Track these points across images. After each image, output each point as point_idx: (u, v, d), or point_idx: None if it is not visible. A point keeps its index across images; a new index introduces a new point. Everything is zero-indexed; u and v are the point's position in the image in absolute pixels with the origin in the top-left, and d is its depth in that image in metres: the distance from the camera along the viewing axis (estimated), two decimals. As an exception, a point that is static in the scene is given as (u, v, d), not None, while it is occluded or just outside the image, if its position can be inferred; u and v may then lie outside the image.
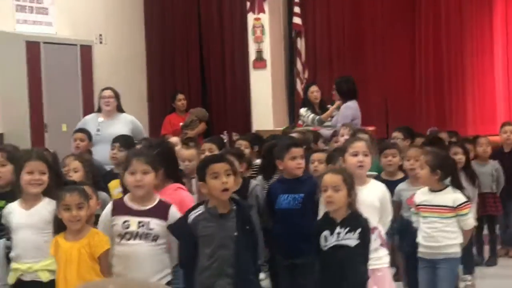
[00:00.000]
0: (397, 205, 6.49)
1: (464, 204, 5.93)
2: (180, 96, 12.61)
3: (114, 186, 6.43)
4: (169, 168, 5.57)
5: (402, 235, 6.56)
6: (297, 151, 6.11)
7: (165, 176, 5.51)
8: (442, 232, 5.90)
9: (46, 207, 5.12)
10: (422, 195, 6.06)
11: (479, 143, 8.51)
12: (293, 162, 6.08)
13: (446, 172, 6.00)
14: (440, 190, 5.97)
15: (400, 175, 6.91)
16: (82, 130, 8.28)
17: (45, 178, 5.16)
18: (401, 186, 6.61)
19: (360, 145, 5.61)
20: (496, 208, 8.48)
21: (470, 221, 6.02)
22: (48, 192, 5.19)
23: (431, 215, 5.94)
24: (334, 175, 5.07)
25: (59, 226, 4.92)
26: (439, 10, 13.21)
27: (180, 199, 5.33)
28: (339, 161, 5.86)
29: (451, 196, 5.94)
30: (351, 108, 10.14)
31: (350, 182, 5.05)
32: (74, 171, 6.40)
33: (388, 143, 7.49)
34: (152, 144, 5.91)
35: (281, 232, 6.09)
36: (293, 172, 6.11)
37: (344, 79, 10.80)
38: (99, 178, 6.70)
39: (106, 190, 6.51)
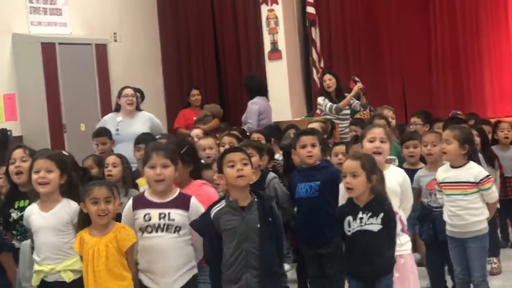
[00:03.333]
0: (417, 192, 6.46)
1: (486, 179, 5.91)
2: (194, 92, 12.67)
3: (142, 183, 6.49)
4: (194, 166, 5.62)
5: (422, 221, 6.55)
6: (306, 139, 6.14)
7: (190, 175, 5.56)
8: (467, 210, 5.88)
9: (64, 209, 5.12)
10: (443, 172, 6.04)
11: (500, 127, 8.43)
12: (303, 151, 6.12)
13: (471, 147, 6.01)
14: (462, 166, 5.95)
15: (421, 165, 6.87)
16: (100, 133, 8.25)
17: (52, 176, 5.11)
18: (420, 173, 6.57)
19: (377, 131, 5.59)
20: (517, 193, 8.42)
21: (494, 194, 6.00)
22: (66, 193, 5.19)
23: (454, 192, 5.92)
24: (352, 161, 5.08)
25: (83, 222, 4.94)
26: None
27: (207, 195, 5.37)
28: (358, 147, 5.86)
29: (472, 172, 5.92)
30: (257, 104, 10.55)
31: (370, 167, 5.03)
32: (113, 165, 6.59)
33: (410, 134, 7.44)
34: (178, 143, 5.89)
35: (302, 221, 6.14)
36: (305, 161, 6.14)
37: (250, 76, 11.32)
38: (132, 174, 6.79)
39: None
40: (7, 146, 10.64)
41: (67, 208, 5.10)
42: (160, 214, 4.93)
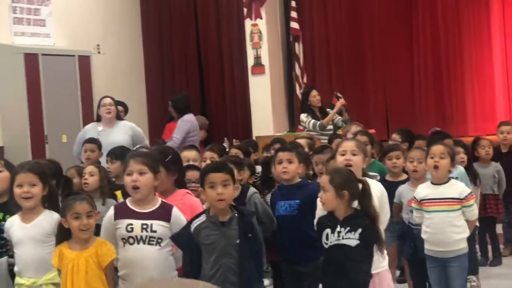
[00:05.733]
0: (398, 208, 6.49)
1: (469, 195, 5.95)
2: None
3: (119, 196, 6.50)
4: (179, 175, 5.61)
5: (403, 239, 6.56)
6: (283, 155, 6.11)
7: (174, 183, 5.55)
8: (451, 227, 5.89)
9: (46, 220, 5.10)
10: (424, 189, 6.04)
11: (481, 144, 8.48)
12: (279, 166, 6.10)
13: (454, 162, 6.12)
14: (445, 183, 5.99)
15: (404, 176, 6.90)
16: (91, 140, 8.29)
17: (35, 190, 5.10)
18: (401, 188, 6.59)
19: (348, 145, 5.60)
20: (497, 210, 8.46)
21: (476, 211, 6.04)
22: (47, 203, 5.19)
23: (438, 209, 5.92)
24: (324, 176, 5.08)
25: (63, 236, 4.90)
26: (436, 13, 13.21)
27: (191, 204, 5.37)
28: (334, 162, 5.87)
29: (456, 188, 5.96)
30: (188, 121, 10.49)
31: (339, 182, 4.93)
32: (90, 174, 6.54)
33: (392, 146, 7.47)
34: (162, 151, 5.89)
35: (282, 239, 6.09)
36: (280, 176, 6.13)
37: (180, 96, 11.28)
38: (111, 184, 6.76)
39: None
40: (-12, 156, 10.61)
41: (49, 219, 5.09)
42: (142, 225, 4.91)
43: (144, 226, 4.90)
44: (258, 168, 7.62)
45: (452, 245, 5.91)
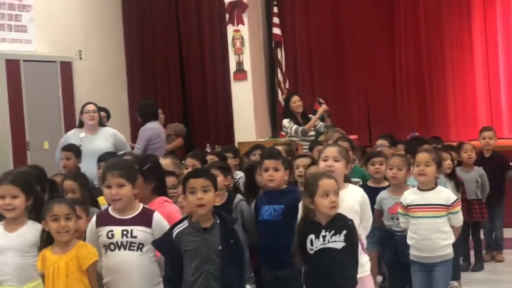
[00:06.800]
0: (379, 214, 6.50)
1: (455, 202, 5.98)
2: None
3: (102, 202, 6.43)
4: (157, 183, 5.58)
5: (384, 244, 6.56)
6: (269, 163, 6.13)
7: (153, 191, 5.51)
8: (437, 233, 5.91)
9: (30, 230, 5.08)
10: (412, 195, 6.06)
11: (464, 149, 8.53)
12: (265, 174, 6.12)
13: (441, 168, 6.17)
14: (432, 189, 5.99)
15: (386, 183, 6.90)
16: (67, 148, 8.24)
17: (17, 202, 5.07)
18: (382, 195, 6.59)
19: (330, 151, 5.60)
20: (482, 215, 8.49)
21: (461, 217, 6.06)
22: (33, 212, 5.15)
23: (424, 215, 5.93)
24: (332, 180, 5.05)
25: (47, 240, 4.89)
26: (417, 19, 13.24)
27: (168, 212, 5.30)
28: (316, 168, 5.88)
29: (442, 195, 5.98)
30: (149, 130, 10.40)
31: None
32: (73, 192, 6.39)
33: (375, 152, 7.50)
34: (140, 160, 5.86)
35: (264, 243, 6.09)
36: (266, 184, 6.13)
37: (145, 102, 11.21)
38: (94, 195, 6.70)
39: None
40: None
41: (33, 230, 5.06)
42: (123, 231, 4.90)
43: (125, 232, 4.90)
44: (239, 174, 7.59)
45: (438, 250, 5.93)
